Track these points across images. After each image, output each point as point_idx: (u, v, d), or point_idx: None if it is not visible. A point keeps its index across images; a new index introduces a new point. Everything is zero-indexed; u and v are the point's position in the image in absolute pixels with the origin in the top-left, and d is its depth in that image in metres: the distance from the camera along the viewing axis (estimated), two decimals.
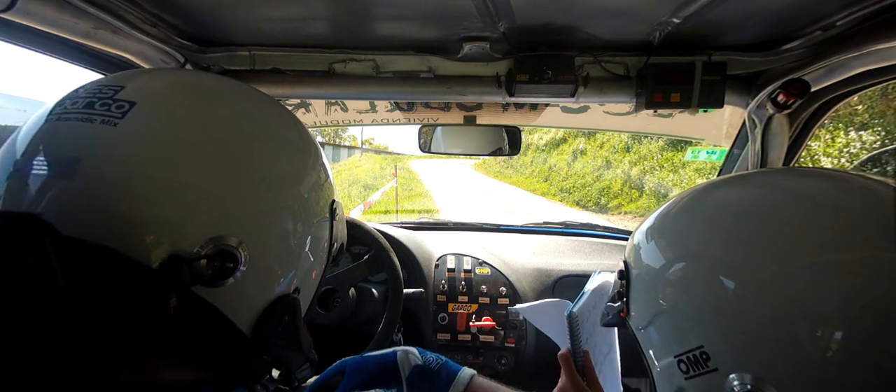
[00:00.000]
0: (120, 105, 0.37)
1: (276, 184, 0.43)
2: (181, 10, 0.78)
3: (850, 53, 0.73)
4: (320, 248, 0.49)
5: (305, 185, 0.46)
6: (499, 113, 1.38)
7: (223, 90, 0.46)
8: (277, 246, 0.42)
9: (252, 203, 0.40)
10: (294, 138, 0.48)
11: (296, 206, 0.44)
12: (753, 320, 0.39)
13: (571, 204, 10.59)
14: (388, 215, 8.88)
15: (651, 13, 0.75)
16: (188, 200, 0.36)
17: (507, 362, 1.23)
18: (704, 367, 0.42)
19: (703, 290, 0.44)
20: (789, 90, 0.84)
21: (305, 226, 0.45)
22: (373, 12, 0.78)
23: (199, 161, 0.38)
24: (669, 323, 0.47)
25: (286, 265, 0.43)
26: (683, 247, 0.50)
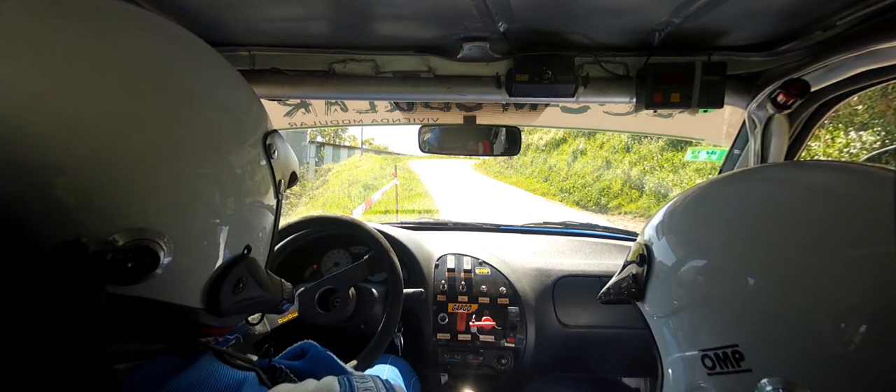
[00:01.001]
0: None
1: (199, 151, 0.36)
2: (181, 10, 0.78)
3: (850, 53, 0.73)
4: (264, 197, 0.44)
5: (234, 140, 0.40)
6: (499, 113, 1.38)
7: (108, 20, 0.35)
8: (209, 223, 0.37)
9: (179, 190, 0.34)
10: (222, 92, 0.41)
11: (223, 173, 0.38)
12: (785, 321, 0.38)
13: (571, 204, 10.59)
14: (388, 215, 8.88)
15: (651, 13, 0.75)
16: (81, 187, 0.30)
17: (507, 362, 1.23)
18: (736, 366, 0.40)
19: (731, 287, 0.43)
20: (789, 90, 0.84)
21: (239, 188, 0.40)
22: (373, 12, 0.78)
23: (91, 132, 0.30)
24: (695, 318, 0.46)
25: (224, 236, 0.39)
26: (708, 242, 0.48)
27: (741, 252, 0.44)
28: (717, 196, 0.51)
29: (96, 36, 0.33)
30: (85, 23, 0.33)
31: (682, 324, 0.47)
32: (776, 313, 0.39)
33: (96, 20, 0.34)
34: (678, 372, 0.48)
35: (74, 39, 0.32)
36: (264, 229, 0.45)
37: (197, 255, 0.37)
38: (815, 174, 0.49)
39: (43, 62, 0.30)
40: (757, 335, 0.40)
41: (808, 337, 0.37)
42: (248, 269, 0.42)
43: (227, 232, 0.39)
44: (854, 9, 0.68)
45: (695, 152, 2.51)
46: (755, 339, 0.40)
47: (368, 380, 0.41)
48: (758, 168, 0.57)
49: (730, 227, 0.46)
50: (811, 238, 0.40)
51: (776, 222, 0.43)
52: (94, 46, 0.33)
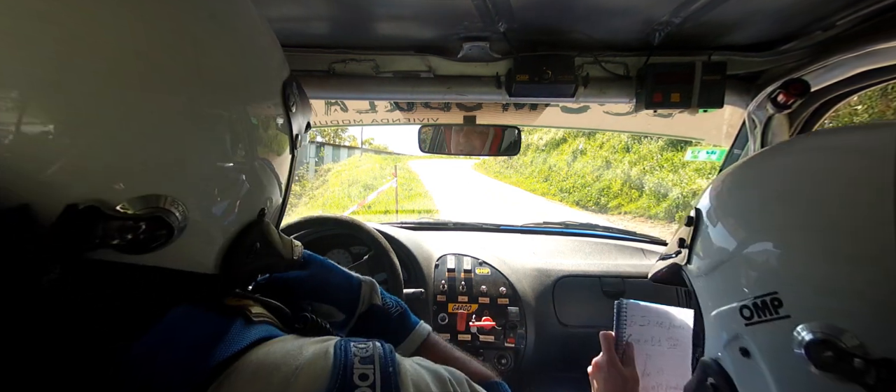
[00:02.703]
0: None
1: (229, 111, 0.33)
2: None
3: (850, 53, 0.73)
4: (281, 154, 0.41)
5: (253, 89, 0.36)
6: (499, 113, 1.38)
7: None
8: (224, 187, 0.34)
9: (196, 149, 0.31)
10: (242, 24, 0.37)
11: (249, 136, 0.35)
12: (826, 270, 0.38)
13: (571, 204, 10.59)
14: (387, 215, 8.88)
15: (651, 13, 0.75)
16: (87, 148, 0.26)
17: (507, 362, 1.23)
18: (774, 314, 0.41)
19: (771, 243, 0.44)
20: (789, 90, 0.84)
21: (256, 146, 0.37)
22: (373, 12, 0.78)
23: (93, 90, 0.26)
24: (735, 271, 0.46)
25: (239, 200, 0.36)
26: (751, 205, 0.49)
27: (779, 211, 0.45)
28: (761, 167, 0.52)
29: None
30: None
31: (724, 278, 0.48)
32: (816, 262, 0.39)
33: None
34: (717, 327, 0.48)
35: None
36: (279, 188, 0.43)
37: (212, 222, 0.35)
38: (844, 135, 0.51)
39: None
40: (796, 283, 0.40)
41: (847, 283, 0.37)
42: (261, 233, 0.40)
43: (243, 195, 0.36)
44: (854, 9, 0.68)
45: (695, 152, 2.51)
46: (794, 286, 0.40)
47: (368, 343, 0.38)
48: (795, 139, 0.59)
49: (770, 192, 0.47)
50: (841, 194, 0.40)
51: (812, 182, 0.43)
52: None
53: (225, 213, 0.36)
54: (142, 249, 0.28)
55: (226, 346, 0.30)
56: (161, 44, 0.29)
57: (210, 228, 0.35)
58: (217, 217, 0.35)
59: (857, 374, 0.34)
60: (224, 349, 0.30)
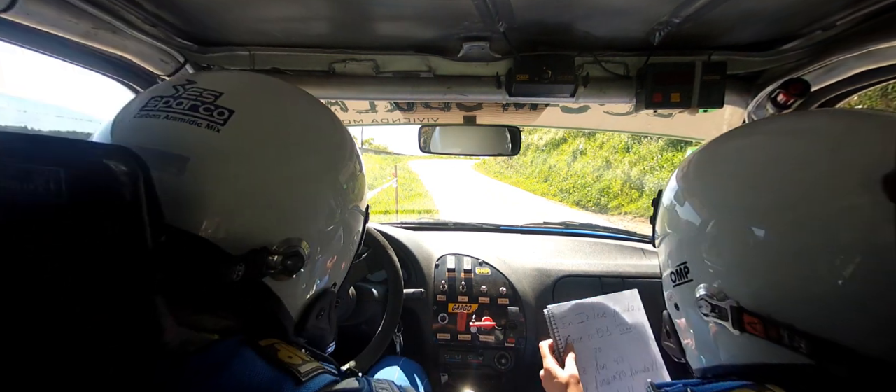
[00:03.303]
0: (221, 112, 0.41)
1: (341, 194, 0.49)
2: (181, 10, 0.78)
3: (849, 53, 0.73)
4: (353, 242, 0.55)
5: (346, 173, 0.51)
6: (499, 113, 1.38)
7: (296, 98, 0.51)
8: (331, 248, 0.48)
9: (319, 210, 0.46)
10: (338, 139, 0.52)
11: (342, 208, 0.50)
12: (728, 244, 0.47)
13: (571, 204, 10.58)
14: (388, 215, 8.87)
15: (651, 13, 0.75)
16: (271, 204, 0.42)
17: (507, 362, 1.23)
18: (685, 278, 0.52)
19: (688, 219, 0.52)
20: (789, 90, 0.84)
21: (347, 223, 0.51)
22: (373, 12, 0.78)
23: (285, 171, 0.43)
24: (667, 241, 0.57)
25: (331, 261, 0.50)
26: (692, 186, 0.56)
27: (696, 188, 0.54)
28: (710, 147, 0.58)
29: (287, 108, 0.48)
30: (284, 99, 0.49)
31: (663, 248, 0.59)
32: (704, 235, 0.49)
33: (288, 97, 0.49)
34: (665, 287, 0.59)
35: (279, 108, 0.47)
36: (344, 272, 0.55)
37: (314, 270, 0.47)
38: (786, 119, 0.57)
39: (266, 115, 0.45)
40: (695, 254, 0.50)
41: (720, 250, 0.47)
42: (329, 302, 0.51)
43: (332, 258, 0.50)
44: (854, 9, 0.68)
45: None
46: (694, 256, 0.50)
47: (385, 383, 0.46)
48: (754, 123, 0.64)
49: (702, 171, 0.55)
50: (755, 174, 0.47)
51: (731, 163, 0.51)
52: (286, 114, 0.47)
53: (321, 268, 0.48)
54: (286, 274, 0.42)
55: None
56: (306, 151, 0.47)
57: (310, 276, 0.47)
58: (317, 268, 0.47)
59: (724, 315, 0.45)
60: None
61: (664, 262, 0.58)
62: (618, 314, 0.96)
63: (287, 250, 0.42)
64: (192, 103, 0.41)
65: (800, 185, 0.42)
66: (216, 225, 0.39)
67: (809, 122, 0.52)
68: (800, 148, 0.46)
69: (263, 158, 0.42)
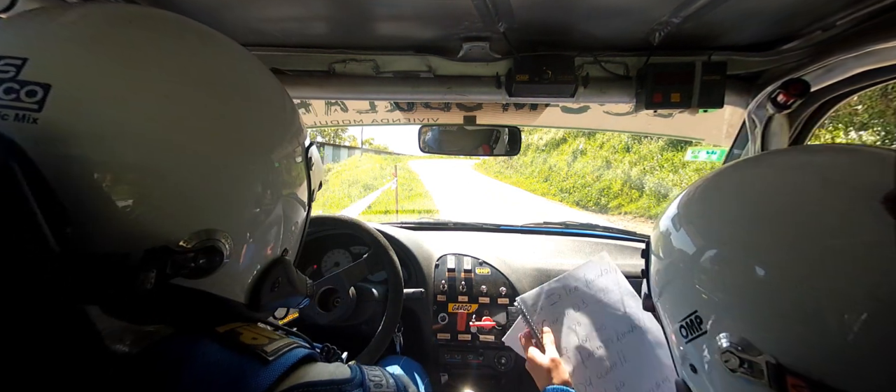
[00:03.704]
0: (31, 90, 0.30)
1: (258, 161, 0.40)
2: (181, 10, 0.78)
3: (849, 53, 0.73)
4: (301, 202, 0.49)
5: (283, 149, 0.43)
6: (499, 113, 1.38)
7: (161, 43, 0.37)
8: (262, 222, 0.41)
9: (234, 190, 0.37)
10: (266, 93, 0.44)
11: (274, 179, 0.42)
12: (735, 285, 0.42)
13: (571, 204, 10.58)
14: (388, 215, 8.87)
15: (651, 13, 0.75)
16: (163, 194, 0.33)
17: (507, 362, 1.23)
18: (698, 330, 0.44)
19: (691, 262, 0.47)
20: (789, 90, 0.84)
21: (285, 193, 0.44)
22: (373, 12, 0.78)
23: (167, 145, 0.33)
24: (670, 293, 0.50)
25: (271, 237, 0.44)
26: (691, 226, 0.51)
27: (691, 235, 0.49)
28: (702, 183, 0.54)
29: (160, 48, 0.36)
30: (151, 36, 0.37)
31: (667, 301, 0.52)
32: (719, 282, 0.44)
33: (159, 33, 0.37)
34: (674, 348, 0.51)
35: (144, 51, 0.35)
36: (297, 231, 0.50)
37: (248, 254, 0.41)
38: (785, 156, 0.53)
39: (117, 71, 0.33)
40: (710, 300, 0.44)
41: (750, 295, 0.41)
42: (284, 270, 0.46)
43: (272, 234, 0.44)
44: (854, 9, 0.68)
45: (695, 152, 2.51)
46: (709, 303, 0.44)
47: (377, 371, 0.45)
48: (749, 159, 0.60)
49: (702, 201, 0.51)
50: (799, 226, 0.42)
51: (722, 196, 0.48)
52: (160, 57, 0.36)
53: (258, 249, 0.42)
54: (201, 274, 0.36)
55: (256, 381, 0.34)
56: (213, 122, 0.37)
57: (245, 261, 0.41)
58: (252, 252, 0.41)
59: (758, 373, 0.38)
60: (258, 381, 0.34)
61: (669, 319, 0.51)
62: (591, 282, 0.96)
63: (199, 246, 0.35)
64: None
65: (814, 225, 0.39)
66: (96, 232, 0.31)
67: (818, 157, 0.49)
68: (810, 186, 0.43)
69: (126, 139, 0.31)
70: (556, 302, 0.94)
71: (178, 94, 0.35)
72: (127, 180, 0.32)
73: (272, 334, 0.40)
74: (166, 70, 0.35)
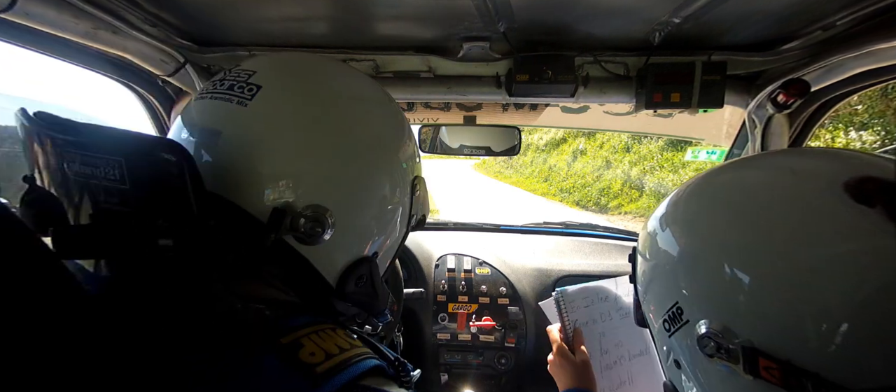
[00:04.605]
0: (250, 88, 0.44)
1: (369, 167, 0.49)
2: (181, 10, 0.78)
3: (849, 53, 0.73)
4: (400, 218, 0.54)
5: (393, 165, 0.52)
6: (499, 113, 1.38)
7: (329, 72, 0.52)
8: (362, 218, 0.48)
9: (346, 180, 0.46)
10: (388, 117, 0.53)
11: (383, 185, 0.50)
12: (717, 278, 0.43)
13: (571, 204, 10.58)
14: None
15: (651, 13, 0.75)
16: (297, 172, 0.43)
17: (507, 362, 1.23)
18: (680, 321, 0.46)
19: (674, 255, 0.49)
20: (789, 90, 0.84)
21: (388, 200, 0.51)
22: (373, 12, 0.78)
23: (308, 140, 0.44)
24: (655, 290, 0.52)
25: (367, 234, 0.49)
26: (672, 221, 0.53)
27: (675, 233, 0.51)
28: (688, 186, 0.55)
29: (310, 96, 0.47)
30: (306, 85, 0.48)
31: (649, 298, 0.53)
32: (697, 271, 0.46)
33: (312, 76, 0.49)
34: (659, 346, 0.53)
35: (299, 94, 0.46)
36: (390, 246, 0.55)
37: (346, 241, 0.47)
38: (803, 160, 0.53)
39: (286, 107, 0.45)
40: (690, 289, 0.46)
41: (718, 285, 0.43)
42: (371, 269, 0.50)
43: (369, 232, 0.49)
44: (854, 9, 0.68)
45: (695, 152, 2.50)
46: (690, 296, 0.46)
47: None
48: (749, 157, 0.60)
49: (687, 202, 0.52)
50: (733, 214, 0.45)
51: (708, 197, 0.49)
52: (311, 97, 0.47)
53: (353, 239, 0.48)
54: (308, 239, 0.42)
55: None
56: (353, 130, 0.48)
57: (343, 244, 0.47)
58: (349, 237, 0.47)
59: (734, 357, 0.40)
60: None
61: (654, 316, 0.52)
62: (618, 298, 0.96)
63: (311, 215, 0.42)
64: (230, 83, 0.45)
65: (785, 217, 0.41)
66: (245, 191, 0.41)
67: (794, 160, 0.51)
68: (782, 183, 0.45)
69: (286, 129, 0.44)
70: (590, 305, 0.94)
71: (320, 117, 0.46)
72: (270, 161, 0.42)
73: (345, 342, 0.40)
74: (315, 98, 0.47)
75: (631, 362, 0.90)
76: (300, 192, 0.43)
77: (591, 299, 0.94)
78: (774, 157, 0.55)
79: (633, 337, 0.92)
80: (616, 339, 0.92)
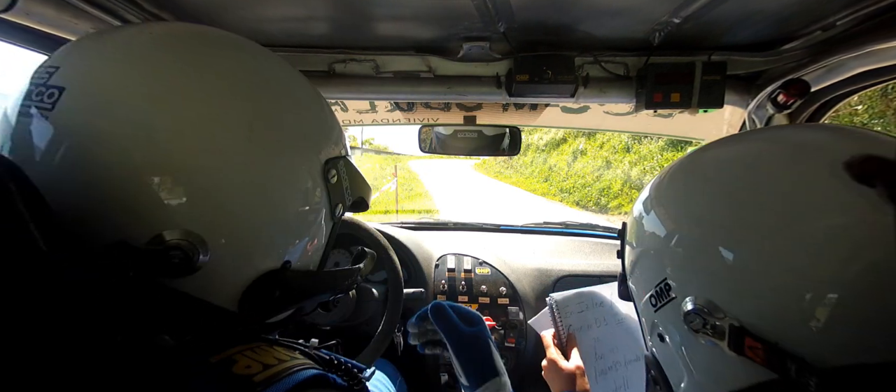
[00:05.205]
0: (51, 92, 0.34)
1: (249, 161, 0.38)
2: (181, 10, 0.78)
3: (849, 53, 0.73)
4: (314, 218, 0.45)
5: (281, 160, 0.41)
6: (499, 113, 1.38)
7: (171, 45, 0.39)
8: (249, 231, 0.38)
9: (217, 189, 0.36)
10: (276, 91, 0.43)
11: (269, 190, 0.39)
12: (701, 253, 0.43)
13: (571, 204, 10.58)
14: (388, 215, 8.87)
15: (651, 13, 0.75)
16: (139, 189, 0.34)
17: (507, 362, 1.23)
18: (667, 297, 0.46)
19: (664, 234, 0.48)
20: (789, 90, 0.84)
21: (286, 200, 0.41)
22: (373, 12, 0.78)
23: (152, 143, 0.34)
24: (640, 264, 0.52)
25: (262, 246, 0.40)
26: (656, 199, 0.53)
27: (663, 211, 0.50)
28: (672, 166, 0.55)
29: (177, 60, 0.38)
30: (171, 49, 0.39)
31: (637, 273, 0.53)
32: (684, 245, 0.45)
33: (177, 46, 0.40)
34: (644, 321, 0.53)
35: (163, 64, 0.38)
36: (310, 249, 0.46)
37: (233, 260, 0.38)
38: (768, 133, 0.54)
39: (138, 81, 0.36)
40: (677, 263, 0.46)
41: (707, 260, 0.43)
42: (284, 282, 0.42)
43: (266, 242, 0.40)
44: (854, 9, 0.68)
45: None
46: (677, 272, 0.45)
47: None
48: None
49: (671, 182, 0.52)
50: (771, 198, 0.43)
51: (733, 176, 0.46)
52: (175, 67, 0.38)
53: (243, 253, 0.39)
54: (176, 273, 0.34)
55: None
56: (223, 121, 0.37)
57: (231, 266, 0.38)
58: (236, 257, 0.38)
59: (720, 333, 0.40)
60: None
61: (641, 290, 0.52)
62: (613, 304, 0.96)
63: (167, 244, 0.34)
64: (28, 88, 0.35)
65: (780, 193, 0.40)
66: (79, 219, 0.33)
67: (786, 134, 0.51)
68: (775, 158, 0.44)
69: (106, 137, 0.34)
70: (584, 311, 0.93)
71: (168, 110, 0.36)
72: (115, 179, 0.34)
73: (282, 354, 0.36)
74: (141, 93, 0.36)
75: (626, 368, 0.90)
76: (148, 217, 0.34)
77: (586, 304, 0.94)
78: (773, 131, 0.54)
79: (628, 343, 0.92)
80: (611, 344, 0.91)
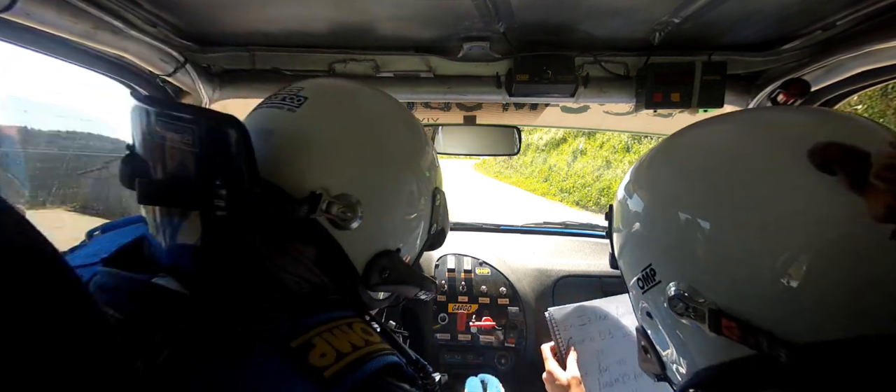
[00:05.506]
0: (299, 99, 0.53)
1: (395, 168, 0.56)
2: (181, 10, 0.78)
3: (849, 53, 0.73)
4: (422, 223, 0.60)
5: (416, 174, 0.59)
6: (499, 113, 1.38)
7: (365, 91, 0.61)
8: (387, 215, 0.54)
9: (374, 179, 0.53)
10: (411, 131, 0.60)
11: (406, 188, 0.57)
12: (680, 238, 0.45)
13: (571, 204, 10.57)
14: None
15: (651, 13, 0.75)
16: (333, 167, 0.51)
17: (507, 362, 1.23)
18: (653, 281, 0.48)
19: (648, 219, 0.50)
20: (789, 90, 0.84)
21: (411, 202, 0.57)
22: (373, 12, 0.78)
23: (344, 141, 0.52)
24: (628, 251, 0.54)
25: (391, 230, 0.56)
26: (638, 183, 0.54)
27: (645, 195, 0.52)
28: (652, 150, 0.56)
29: (346, 108, 0.56)
30: (343, 99, 0.57)
31: (626, 256, 0.55)
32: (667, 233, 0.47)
33: (347, 98, 0.58)
34: (633, 298, 0.55)
35: (337, 111, 0.55)
36: (412, 244, 0.60)
37: (371, 232, 0.53)
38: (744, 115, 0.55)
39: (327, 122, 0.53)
40: (661, 255, 0.48)
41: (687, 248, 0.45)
42: (394, 262, 0.55)
43: (393, 229, 0.56)
44: (854, 9, 0.68)
45: None
46: (661, 257, 0.48)
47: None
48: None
49: (650, 166, 0.54)
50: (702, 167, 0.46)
51: (716, 160, 0.47)
52: (352, 115, 0.56)
53: (379, 231, 0.54)
54: (339, 224, 0.49)
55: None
56: (380, 143, 0.56)
57: (369, 235, 0.53)
58: (375, 229, 0.53)
59: (700, 316, 0.42)
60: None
61: (629, 272, 0.54)
62: (620, 317, 0.96)
63: (344, 202, 0.49)
64: (282, 96, 0.54)
65: (746, 177, 0.42)
66: (288, 177, 0.48)
67: (752, 116, 0.53)
68: (744, 142, 0.46)
69: (326, 130, 0.52)
70: (585, 324, 0.94)
71: (356, 127, 0.55)
72: (311, 155, 0.51)
73: (359, 339, 0.40)
74: (355, 115, 0.56)
75: (636, 381, 0.89)
76: (334, 183, 0.49)
77: (588, 317, 0.94)
78: (750, 113, 0.57)
79: (636, 355, 0.92)
80: (617, 356, 0.91)
